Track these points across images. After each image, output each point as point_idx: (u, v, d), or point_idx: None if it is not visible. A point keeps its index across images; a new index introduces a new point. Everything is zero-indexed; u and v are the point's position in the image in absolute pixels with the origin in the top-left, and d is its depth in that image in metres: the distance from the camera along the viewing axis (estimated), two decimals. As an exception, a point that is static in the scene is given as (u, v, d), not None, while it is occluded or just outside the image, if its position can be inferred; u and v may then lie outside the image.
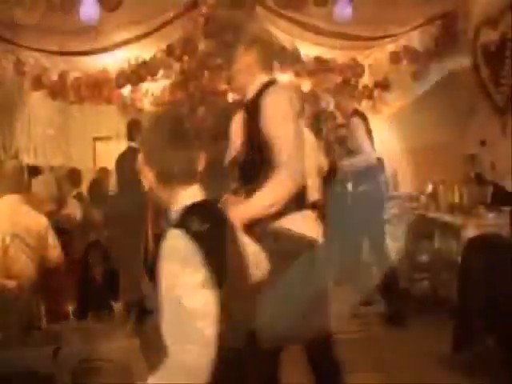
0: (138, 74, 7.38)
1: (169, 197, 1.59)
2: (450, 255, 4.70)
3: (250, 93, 2.31)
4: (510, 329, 3.31)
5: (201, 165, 1.62)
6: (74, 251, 3.91)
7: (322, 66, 7.89)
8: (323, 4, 5.60)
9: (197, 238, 1.43)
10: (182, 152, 1.57)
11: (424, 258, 5.08)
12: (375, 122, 8.83)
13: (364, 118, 5.06)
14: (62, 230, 3.58)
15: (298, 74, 8.10)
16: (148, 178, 1.59)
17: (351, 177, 4.90)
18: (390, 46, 7.74)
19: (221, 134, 3.32)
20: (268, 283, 1.79)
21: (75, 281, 3.85)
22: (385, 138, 8.55)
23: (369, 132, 5.01)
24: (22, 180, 3.38)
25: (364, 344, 4.37)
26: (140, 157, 1.63)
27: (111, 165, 5.75)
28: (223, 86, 7.93)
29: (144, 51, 7.16)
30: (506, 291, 3.32)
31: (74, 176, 6.22)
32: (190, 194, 1.57)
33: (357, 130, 4.92)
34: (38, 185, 4.01)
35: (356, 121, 4.97)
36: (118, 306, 5.32)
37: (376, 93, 8.79)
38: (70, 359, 3.36)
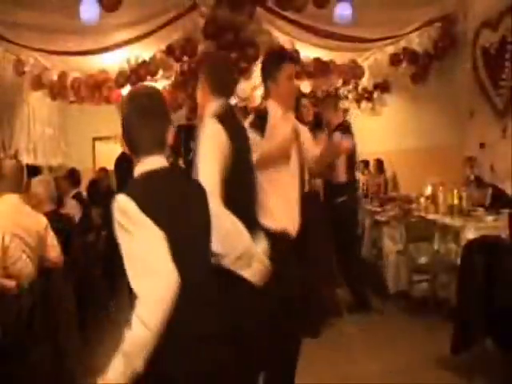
0: (138, 74, 7.37)
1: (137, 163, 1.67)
2: (450, 257, 4.71)
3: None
4: (508, 330, 3.31)
5: (169, 137, 1.70)
6: (73, 251, 3.90)
7: (321, 68, 7.90)
8: (323, 6, 5.59)
9: (146, 200, 1.52)
10: (152, 124, 1.65)
11: (423, 259, 5.09)
12: (375, 124, 8.89)
13: (348, 133, 5.01)
14: (61, 230, 3.57)
15: (297, 76, 8.09)
16: (125, 149, 1.72)
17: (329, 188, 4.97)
18: (390, 48, 7.76)
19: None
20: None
21: (74, 281, 3.83)
22: (384, 140, 8.58)
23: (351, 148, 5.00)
24: (22, 180, 3.36)
25: (363, 345, 4.37)
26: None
27: (111, 165, 5.75)
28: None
29: (144, 51, 7.15)
30: (505, 293, 3.33)
31: (73, 176, 6.20)
32: (154, 161, 1.64)
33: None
34: (37, 185, 4.01)
35: (337, 137, 4.94)
36: (116, 306, 5.34)
37: (376, 94, 8.82)
38: (69, 359, 3.36)
